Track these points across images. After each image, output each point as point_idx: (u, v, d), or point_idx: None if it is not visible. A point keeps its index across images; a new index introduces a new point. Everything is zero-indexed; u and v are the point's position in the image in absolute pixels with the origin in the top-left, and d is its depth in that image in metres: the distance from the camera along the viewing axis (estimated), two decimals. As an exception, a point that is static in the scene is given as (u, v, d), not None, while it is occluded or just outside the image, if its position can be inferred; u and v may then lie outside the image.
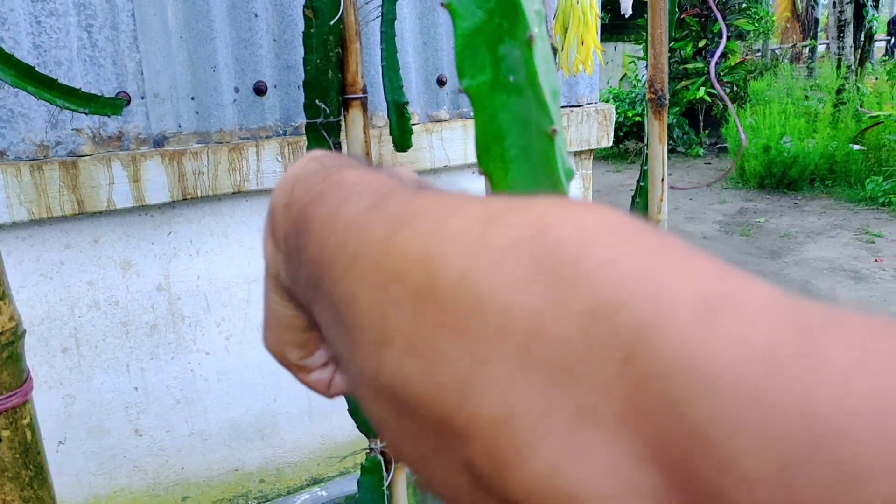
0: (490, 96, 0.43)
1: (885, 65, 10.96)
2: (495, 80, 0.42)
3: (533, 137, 0.42)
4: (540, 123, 0.42)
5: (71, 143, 1.63)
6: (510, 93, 0.42)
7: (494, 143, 0.43)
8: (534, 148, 0.42)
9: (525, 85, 0.42)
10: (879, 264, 5.28)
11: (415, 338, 0.20)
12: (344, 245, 0.24)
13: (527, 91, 0.42)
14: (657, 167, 1.21)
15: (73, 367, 1.74)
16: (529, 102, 0.42)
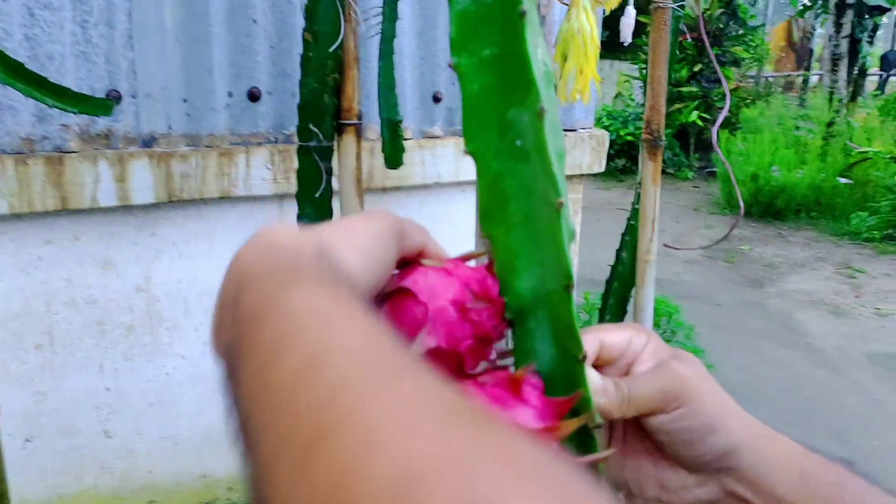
0: (495, 161, 0.42)
1: (876, 100, 11.07)
2: (501, 144, 0.41)
3: (538, 205, 0.41)
4: (546, 193, 0.41)
5: (58, 138, 1.60)
6: (517, 159, 0.41)
7: (498, 209, 0.42)
8: (538, 216, 0.41)
9: (532, 152, 0.41)
10: (860, 300, 5.32)
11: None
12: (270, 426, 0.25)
13: (534, 158, 0.41)
14: (649, 208, 1.20)
15: (46, 365, 1.71)
16: (536, 170, 0.41)
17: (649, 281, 1.25)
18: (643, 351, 0.48)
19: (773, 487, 0.45)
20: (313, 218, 0.97)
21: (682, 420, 0.44)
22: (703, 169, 9.97)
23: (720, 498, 0.47)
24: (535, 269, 0.42)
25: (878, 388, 3.89)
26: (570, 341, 0.42)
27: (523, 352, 0.44)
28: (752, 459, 0.46)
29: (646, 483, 0.49)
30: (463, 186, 2.15)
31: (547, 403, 0.41)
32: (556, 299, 0.42)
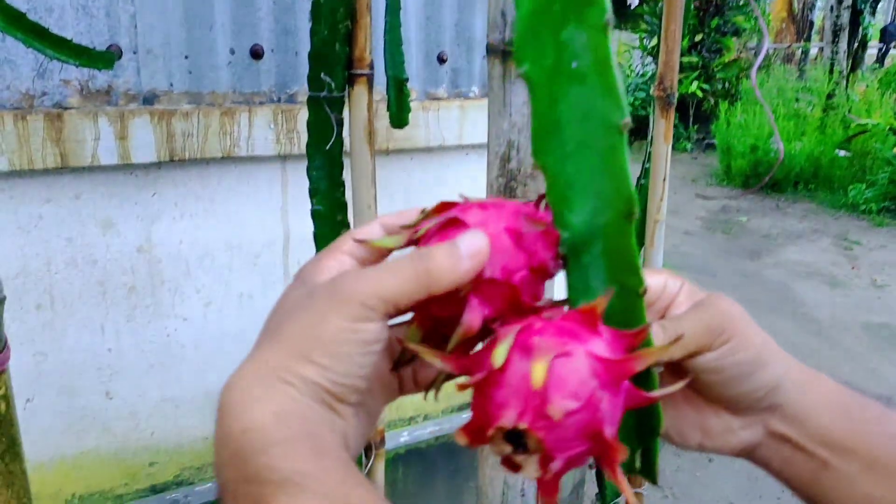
0: (550, 84, 0.40)
1: (875, 73, 11.01)
2: (557, 66, 0.39)
3: (596, 130, 0.39)
4: (608, 115, 0.39)
5: (57, 94, 1.57)
6: (572, 81, 0.39)
7: (551, 136, 0.40)
8: (596, 142, 0.39)
9: (590, 72, 0.39)
10: (856, 271, 5.34)
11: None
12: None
13: (591, 78, 0.39)
14: (660, 166, 1.19)
15: (46, 325, 1.70)
16: (594, 92, 0.39)
17: (659, 241, 1.24)
18: (679, 294, 0.46)
19: (818, 423, 0.44)
20: (324, 170, 0.96)
21: (731, 355, 0.43)
22: (702, 141, 9.93)
23: (763, 440, 0.46)
24: (590, 201, 0.40)
25: (873, 358, 3.92)
26: (628, 275, 0.40)
27: (577, 290, 0.42)
28: (796, 396, 0.45)
29: (688, 430, 0.47)
30: (467, 150, 2.13)
31: (616, 337, 0.40)
32: (615, 230, 0.40)
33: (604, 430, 0.37)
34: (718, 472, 2.92)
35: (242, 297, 1.91)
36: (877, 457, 0.43)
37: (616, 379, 0.38)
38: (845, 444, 0.44)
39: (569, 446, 0.37)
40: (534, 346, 0.37)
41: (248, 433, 0.34)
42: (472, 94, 2.10)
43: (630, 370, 0.38)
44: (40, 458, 1.76)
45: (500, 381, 0.37)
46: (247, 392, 0.36)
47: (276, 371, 0.37)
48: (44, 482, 1.77)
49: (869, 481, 0.43)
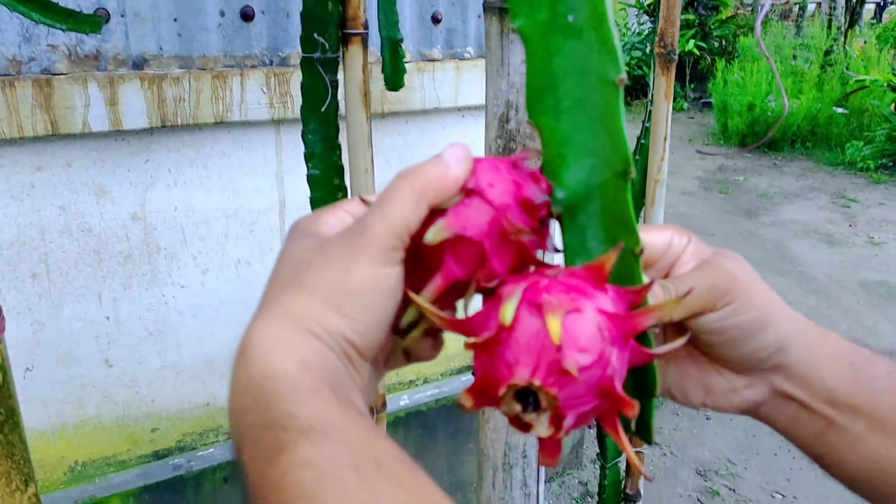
0: (545, 39, 0.39)
1: (874, 28, 10.90)
2: (552, 20, 0.38)
3: (592, 86, 0.38)
4: (604, 70, 0.38)
5: (45, 59, 1.54)
6: (567, 35, 0.38)
7: (546, 93, 0.39)
8: (592, 98, 0.38)
9: (586, 26, 0.38)
10: (853, 229, 5.34)
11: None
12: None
13: (587, 33, 0.38)
14: (661, 125, 1.17)
15: (43, 294, 1.69)
16: (591, 46, 0.38)
17: (659, 201, 1.23)
18: (684, 251, 0.45)
19: (824, 382, 0.44)
20: (319, 134, 0.94)
21: (734, 316, 0.42)
22: (699, 100, 9.86)
23: (768, 399, 0.46)
24: (587, 159, 0.39)
25: (870, 315, 3.94)
26: (625, 234, 0.39)
27: (574, 249, 0.41)
28: (802, 355, 0.44)
29: (691, 389, 0.47)
30: (463, 112, 2.11)
31: (619, 294, 0.39)
32: (611, 189, 0.39)
33: (615, 386, 0.37)
34: (716, 430, 2.95)
35: (240, 263, 1.90)
36: (883, 415, 0.43)
37: (625, 335, 0.38)
38: (851, 402, 0.43)
39: (580, 403, 0.37)
40: (544, 302, 0.37)
41: (271, 379, 0.34)
42: (467, 54, 2.06)
43: (639, 326, 0.38)
44: (42, 427, 1.77)
45: (509, 339, 0.37)
46: (271, 339, 0.36)
47: (302, 321, 0.36)
48: (47, 450, 1.78)
49: (874, 439, 0.43)
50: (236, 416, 0.35)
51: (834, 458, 0.45)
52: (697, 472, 2.71)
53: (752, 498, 2.57)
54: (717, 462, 2.77)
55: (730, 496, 2.58)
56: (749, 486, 2.63)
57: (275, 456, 0.31)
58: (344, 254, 0.38)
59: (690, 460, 2.77)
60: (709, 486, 2.62)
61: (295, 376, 0.34)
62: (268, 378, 0.34)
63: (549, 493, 2.55)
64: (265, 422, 0.33)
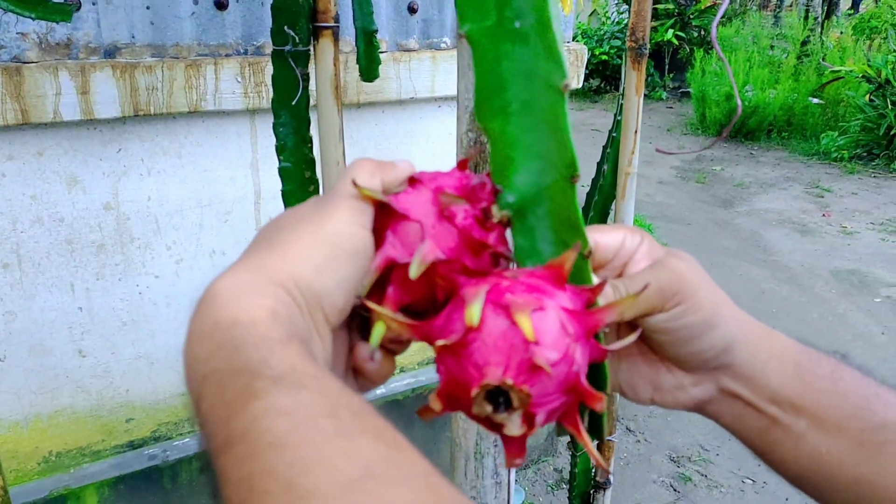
0: (493, 43, 0.39)
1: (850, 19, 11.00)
2: (499, 25, 0.39)
3: (539, 91, 0.39)
4: (549, 76, 0.38)
5: (15, 47, 1.52)
6: (515, 41, 0.39)
7: (495, 97, 0.40)
8: (539, 102, 0.39)
9: (532, 32, 0.38)
10: (827, 219, 5.41)
11: None
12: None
13: (534, 39, 0.38)
14: (631, 119, 1.18)
15: (15, 284, 1.68)
16: (537, 52, 0.38)
17: (630, 194, 1.24)
18: (637, 251, 0.46)
19: (768, 382, 0.45)
20: (290, 127, 0.94)
21: (682, 317, 0.43)
22: (677, 89, 9.91)
23: (714, 396, 0.47)
24: (535, 162, 0.40)
25: (841, 303, 4.00)
26: (573, 237, 0.40)
27: (523, 251, 0.42)
28: (747, 355, 0.45)
29: (640, 385, 0.48)
30: (439, 102, 2.11)
31: (576, 293, 0.40)
32: (559, 192, 0.40)
33: (580, 381, 0.38)
34: (689, 417, 2.99)
35: (214, 253, 1.89)
36: (825, 414, 0.44)
37: (587, 332, 0.39)
38: (794, 402, 0.44)
39: (549, 400, 0.37)
40: (510, 302, 0.37)
41: (240, 325, 0.32)
42: (443, 44, 2.06)
43: (600, 322, 0.39)
44: (15, 418, 1.76)
45: (476, 340, 0.37)
46: (241, 287, 0.34)
47: (273, 274, 0.35)
48: (20, 441, 1.77)
49: (816, 437, 0.44)
50: (196, 363, 0.33)
51: (777, 454, 0.46)
52: (671, 458, 2.75)
53: (724, 483, 2.61)
54: (689, 448, 2.81)
55: (702, 482, 2.62)
56: (721, 472, 2.67)
57: (243, 404, 0.29)
58: (317, 212, 0.39)
59: (664, 447, 2.81)
60: (681, 472, 2.67)
61: (266, 324, 0.33)
62: (237, 324, 0.33)
63: (525, 479, 2.58)
64: (233, 368, 0.31)
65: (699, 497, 2.54)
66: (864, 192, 6.01)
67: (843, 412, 0.44)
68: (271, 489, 0.27)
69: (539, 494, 2.53)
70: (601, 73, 9.76)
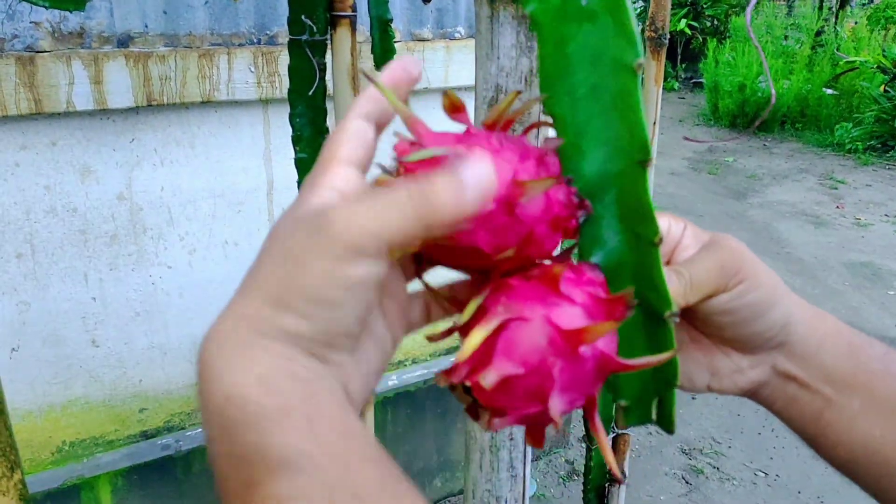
0: (558, 24, 0.38)
1: (865, 9, 10.88)
2: (564, 4, 0.37)
3: (608, 72, 0.37)
4: (620, 56, 0.37)
5: (28, 37, 1.52)
6: (581, 20, 0.37)
7: (560, 80, 0.38)
8: (608, 84, 0.37)
9: (601, 10, 0.37)
10: (840, 210, 5.37)
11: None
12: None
13: (603, 17, 0.37)
14: (650, 110, 1.17)
15: (29, 274, 1.68)
16: (606, 30, 0.37)
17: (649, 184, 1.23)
18: (683, 237, 0.45)
19: (823, 361, 0.45)
20: (307, 117, 0.93)
21: (745, 295, 0.42)
22: (690, 80, 9.84)
23: (769, 379, 0.46)
24: (603, 147, 0.38)
25: (855, 296, 3.98)
26: (642, 224, 0.39)
27: (588, 241, 0.40)
28: (803, 333, 0.45)
29: (696, 373, 0.47)
30: (452, 92, 2.09)
31: (598, 302, 0.38)
32: (628, 178, 0.38)
33: (550, 396, 0.37)
34: (701, 410, 2.98)
35: (227, 244, 1.89)
36: (878, 395, 0.44)
37: (571, 347, 0.37)
38: (848, 381, 0.44)
39: (518, 406, 0.37)
40: (489, 310, 0.37)
41: (231, 401, 0.30)
42: (457, 34, 2.05)
43: (581, 341, 0.37)
44: (29, 407, 1.76)
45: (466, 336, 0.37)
46: (224, 349, 0.31)
47: (254, 323, 0.31)
48: (34, 430, 1.78)
49: (869, 419, 0.43)
50: (208, 445, 0.32)
51: (829, 438, 0.45)
52: (682, 450, 2.74)
53: (736, 476, 2.60)
54: (701, 441, 2.80)
55: (714, 474, 2.61)
56: (733, 465, 2.66)
57: (245, 492, 0.29)
58: (305, 241, 0.32)
59: (675, 439, 2.80)
60: (693, 465, 2.65)
61: (256, 400, 0.30)
62: (228, 404, 0.30)
63: (537, 471, 2.58)
64: (232, 454, 0.30)
65: (711, 490, 2.53)
66: (879, 184, 5.96)
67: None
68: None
69: (551, 486, 2.52)
70: (612, 63, 9.70)
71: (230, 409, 0.30)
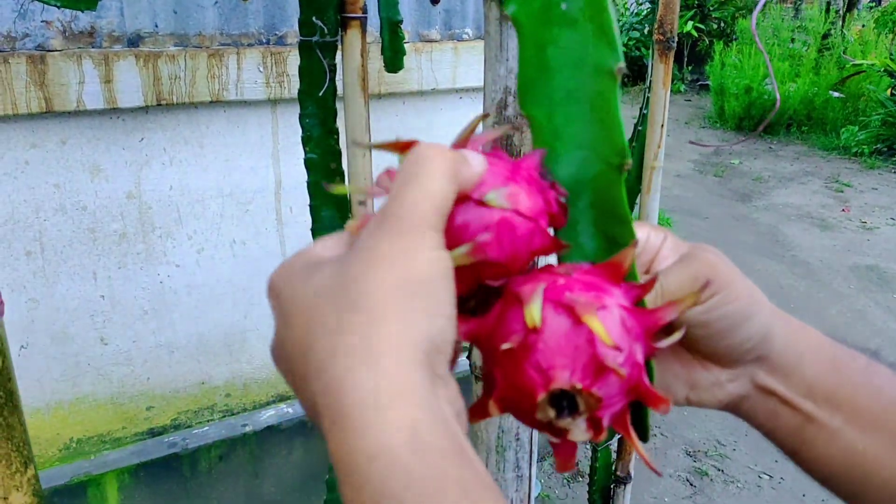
0: (538, 28, 0.38)
1: (872, 12, 10.85)
2: (546, 7, 0.37)
3: (587, 77, 0.37)
4: (601, 60, 0.37)
5: (39, 36, 1.53)
6: (562, 25, 0.37)
7: (540, 82, 0.38)
8: (587, 90, 0.37)
9: (580, 16, 0.37)
10: (846, 214, 5.36)
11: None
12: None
13: (583, 23, 0.37)
14: (658, 112, 1.17)
15: (38, 272, 1.69)
16: (586, 35, 0.37)
17: (655, 188, 1.23)
18: (662, 247, 0.45)
19: (804, 375, 0.44)
20: (317, 118, 0.94)
21: (719, 308, 0.42)
22: (696, 82, 9.83)
23: (749, 393, 0.46)
24: (579, 152, 0.38)
25: (860, 299, 3.97)
26: (619, 228, 0.39)
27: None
28: (783, 346, 0.44)
29: (675, 385, 0.47)
30: (461, 93, 2.10)
31: (627, 290, 0.38)
32: (604, 182, 0.38)
33: (644, 382, 0.36)
34: (706, 412, 2.98)
35: (235, 243, 1.90)
36: (861, 409, 0.43)
37: (646, 331, 0.37)
38: (830, 396, 0.43)
39: (613, 402, 0.36)
40: (572, 301, 0.35)
41: (377, 461, 0.28)
42: (465, 35, 2.05)
43: (661, 320, 0.37)
44: (37, 404, 1.77)
45: (538, 341, 0.34)
46: (371, 393, 0.29)
47: (387, 350, 0.29)
48: (41, 427, 1.79)
49: (852, 434, 0.43)
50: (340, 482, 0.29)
51: (811, 453, 0.44)
52: (687, 452, 2.74)
53: (740, 478, 2.60)
54: (706, 443, 2.80)
55: (718, 476, 2.61)
56: (737, 467, 2.66)
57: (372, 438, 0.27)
58: (396, 244, 0.31)
59: (680, 441, 2.80)
60: (698, 467, 2.66)
61: (407, 455, 0.28)
62: (374, 460, 0.28)
63: (541, 472, 2.58)
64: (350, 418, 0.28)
65: (715, 492, 2.53)
66: (885, 188, 5.94)
67: (880, 407, 0.43)
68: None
69: (555, 487, 2.53)
70: (618, 64, 9.69)
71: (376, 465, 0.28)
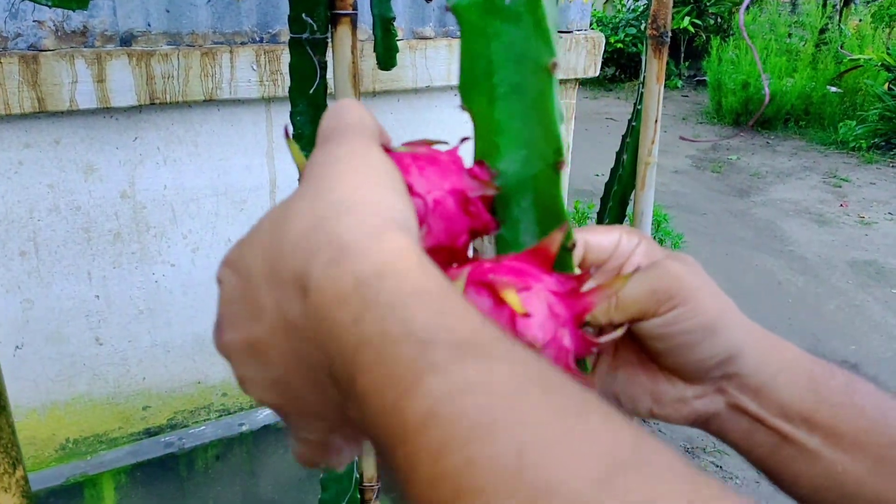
0: (481, 22, 0.37)
1: (869, 6, 10.85)
2: (489, 2, 0.37)
3: (527, 73, 0.37)
4: (539, 56, 0.36)
5: (31, 35, 1.52)
6: (506, 19, 0.37)
7: (482, 78, 0.38)
8: (528, 85, 0.37)
9: (524, 11, 0.36)
10: (844, 209, 5.36)
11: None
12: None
13: (525, 18, 0.36)
14: (652, 108, 1.17)
15: (32, 272, 1.69)
16: (528, 32, 0.36)
17: (650, 184, 1.23)
18: (634, 253, 0.43)
19: (779, 395, 0.41)
20: (308, 115, 0.93)
21: (678, 322, 0.40)
22: (693, 78, 9.83)
23: (721, 412, 0.43)
24: (520, 149, 0.38)
25: (858, 295, 3.97)
26: (557, 226, 0.38)
27: (506, 243, 0.40)
28: (755, 364, 0.41)
29: (639, 396, 0.44)
30: (455, 91, 2.09)
31: (561, 280, 0.37)
32: (543, 181, 0.38)
33: (570, 365, 0.36)
34: (704, 409, 2.98)
35: (230, 242, 1.89)
36: (841, 430, 0.40)
37: (575, 316, 0.36)
38: (808, 416, 0.41)
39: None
40: (493, 281, 0.35)
41: (387, 278, 0.26)
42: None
43: (589, 306, 0.36)
44: (32, 405, 1.77)
45: None
46: (371, 234, 0.27)
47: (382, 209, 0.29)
48: (37, 427, 1.79)
49: (831, 455, 0.41)
50: (340, 331, 0.26)
51: (789, 474, 0.42)
52: (685, 448, 2.74)
53: (738, 475, 2.60)
54: (704, 439, 2.80)
55: (717, 473, 2.61)
56: (736, 464, 2.66)
57: (417, 380, 0.24)
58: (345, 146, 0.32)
59: (678, 437, 2.80)
60: (696, 463, 2.65)
61: (418, 273, 0.26)
62: (384, 277, 0.26)
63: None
64: (393, 336, 0.25)
65: (714, 488, 2.53)
66: (883, 182, 5.94)
67: (860, 427, 0.40)
68: (493, 487, 0.21)
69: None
70: (616, 61, 9.69)
71: (389, 282, 0.26)
